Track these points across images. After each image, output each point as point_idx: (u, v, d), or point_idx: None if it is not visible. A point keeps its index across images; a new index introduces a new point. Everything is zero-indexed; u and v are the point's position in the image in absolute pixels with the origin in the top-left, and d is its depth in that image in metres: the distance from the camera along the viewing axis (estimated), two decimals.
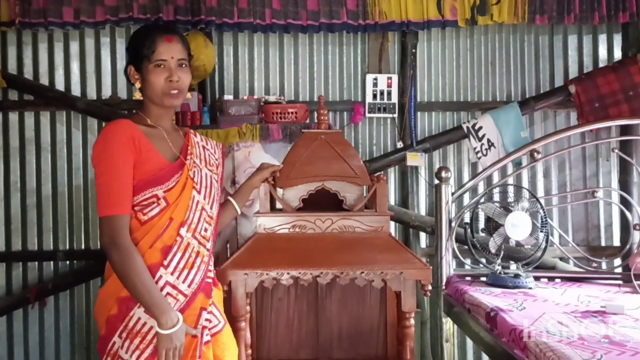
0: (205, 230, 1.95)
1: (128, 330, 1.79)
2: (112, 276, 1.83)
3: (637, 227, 2.76)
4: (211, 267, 2.00)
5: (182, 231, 1.87)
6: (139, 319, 1.79)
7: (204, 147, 2.08)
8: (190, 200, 1.90)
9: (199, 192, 1.94)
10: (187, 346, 1.81)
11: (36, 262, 3.67)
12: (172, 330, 1.76)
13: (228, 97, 3.44)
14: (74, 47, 3.67)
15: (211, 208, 1.99)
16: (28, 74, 3.65)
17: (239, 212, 2.29)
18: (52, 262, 3.68)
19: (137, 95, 1.96)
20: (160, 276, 1.81)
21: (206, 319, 1.89)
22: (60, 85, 3.66)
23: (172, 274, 1.83)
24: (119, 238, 1.77)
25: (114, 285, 1.83)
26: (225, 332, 1.98)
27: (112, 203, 1.77)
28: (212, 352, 1.90)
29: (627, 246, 2.86)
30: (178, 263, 1.85)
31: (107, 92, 3.68)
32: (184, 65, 1.93)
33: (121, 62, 3.68)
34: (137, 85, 1.93)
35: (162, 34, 1.90)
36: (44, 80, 3.65)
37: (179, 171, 1.91)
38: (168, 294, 1.81)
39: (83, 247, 3.69)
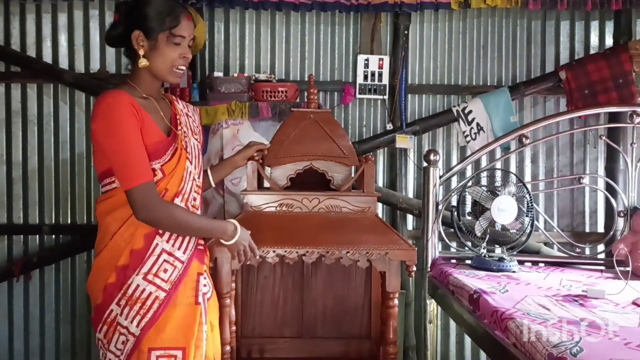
0: (195, 199, 1.98)
1: (127, 297, 1.80)
2: (107, 246, 1.84)
3: (622, 214, 2.79)
4: None
5: (177, 201, 1.88)
6: (138, 285, 1.81)
7: (187, 115, 2.07)
8: (185, 171, 1.92)
9: (191, 163, 1.95)
10: (193, 314, 1.86)
11: (21, 236, 3.66)
12: (234, 240, 1.97)
13: (218, 74, 3.41)
14: (62, 19, 3.62)
15: (199, 177, 2.01)
16: (15, 45, 3.60)
17: (213, 186, 2.29)
18: (37, 236, 3.67)
19: (144, 63, 1.83)
20: (157, 244, 1.84)
21: (203, 285, 1.93)
22: (47, 57, 3.62)
23: (167, 241, 1.86)
24: (154, 201, 1.79)
25: (110, 254, 1.84)
26: (214, 297, 2.04)
27: (138, 173, 1.77)
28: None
29: (611, 233, 2.89)
30: None
31: (95, 66, 3.64)
32: (191, 45, 1.93)
33: None
34: (141, 51, 1.84)
35: (184, 11, 1.88)
36: (31, 52, 3.61)
37: (173, 143, 1.91)
38: (165, 261, 1.84)
39: (69, 221, 3.68)
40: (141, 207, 1.77)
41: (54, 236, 3.68)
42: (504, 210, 2.55)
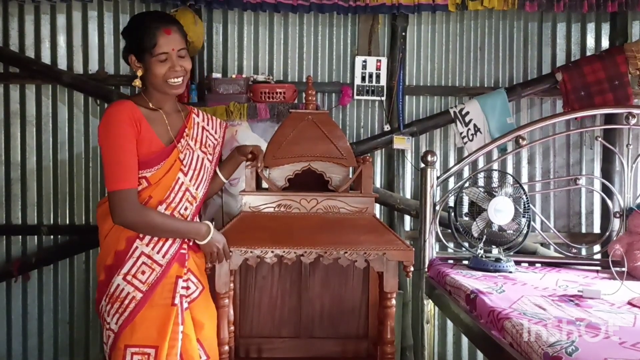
0: (186, 209, 2.06)
1: (110, 295, 1.94)
2: (102, 245, 2.00)
3: (617, 215, 2.81)
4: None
5: (161, 208, 1.99)
6: (118, 285, 1.94)
7: (203, 128, 2.16)
8: (174, 182, 2.01)
9: (185, 174, 2.04)
10: (168, 315, 1.93)
11: (20, 236, 3.66)
12: (207, 240, 2.04)
13: (216, 75, 3.42)
14: (61, 19, 3.62)
15: (197, 189, 2.09)
16: (14, 45, 3.60)
17: (225, 182, 2.34)
18: (35, 237, 3.66)
19: (137, 83, 2.01)
20: (136, 247, 1.96)
21: (183, 287, 2.00)
22: (46, 58, 3.62)
23: (147, 245, 1.97)
24: (130, 206, 1.90)
25: (102, 254, 2.00)
26: (203, 296, 2.09)
27: (120, 178, 1.89)
28: (192, 317, 2.02)
29: (607, 233, 2.91)
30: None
31: (93, 67, 3.65)
32: (184, 55, 2.01)
33: (109, 37, 3.64)
34: (139, 73, 1.99)
35: (162, 27, 1.95)
36: (30, 52, 3.61)
37: (170, 154, 2.00)
38: (143, 263, 1.95)
39: (67, 222, 3.68)
40: (117, 210, 1.90)
41: (52, 237, 3.67)
42: (500, 211, 2.56)
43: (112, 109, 1.94)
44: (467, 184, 2.74)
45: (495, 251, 2.73)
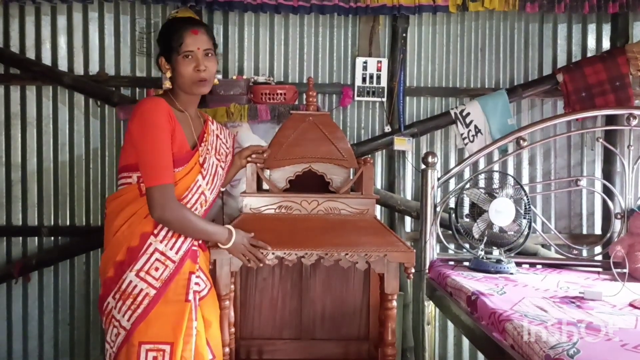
0: (196, 210, 2.07)
1: (121, 292, 1.93)
2: (110, 242, 1.99)
3: (619, 216, 2.81)
4: None
5: None
6: (131, 281, 1.93)
7: (217, 136, 2.23)
8: (193, 183, 2.04)
9: (203, 178, 2.08)
10: (182, 311, 1.94)
11: (20, 238, 3.66)
12: (230, 244, 2.06)
13: (217, 76, 3.41)
14: (62, 21, 3.62)
15: (210, 193, 2.14)
16: (14, 47, 3.60)
17: (222, 189, 2.38)
18: (36, 238, 3.66)
19: (167, 84, 2.08)
20: (150, 244, 1.96)
21: (195, 283, 2.01)
22: (47, 59, 3.62)
23: (161, 242, 1.97)
24: (170, 202, 1.92)
25: (111, 250, 1.98)
26: (210, 295, 2.10)
27: (162, 174, 1.92)
28: (202, 314, 2.03)
29: (608, 235, 2.90)
30: (167, 233, 1.98)
31: (94, 68, 3.65)
32: (210, 55, 2.06)
33: (109, 38, 3.65)
34: (168, 74, 2.06)
35: (189, 27, 2.03)
36: (31, 54, 3.61)
37: (192, 156, 2.05)
38: (157, 259, 1.95)
39: (68, 223, 3.68)
40: (158, 205, 1.91)
41: (52, 238, 3.68)
42: (501, 212, 2.56)
43: (148, 105, 1.97)
44: (467, 185, 2.74)
45: (496, 252, 2.73)
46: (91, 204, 3.68)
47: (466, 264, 2.71)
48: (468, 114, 3.62)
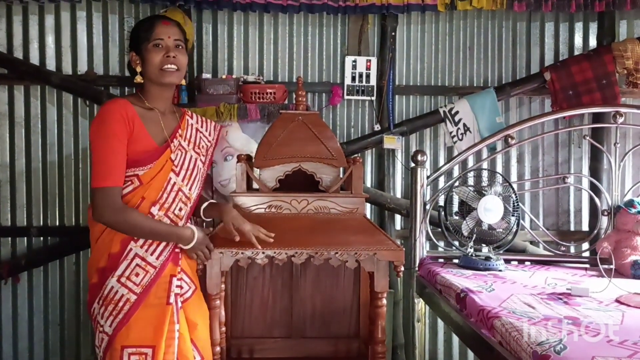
0: (180, 209, 2.04)
1: (104, 297, 1.93)
2: (94, 248, 1.99)
3: (605, 213, 2.84)
4: None
5: (154, 209, 1.97)
6: (112, 287, 1.93)
7: (197, 130, 2.18)
8: (166, 182, 2.00)
9: (177, 174, 2.03)
10: (163, 314, 1.94)
11: (9, 238, 3.64)
12: (191, 245, 2.00)
13: (206, 75, 3.42)
14: (50, 20, 3.61)
15: (190, 189, 2.08)
16: (2, 46, 3.58)
17: (207, 220, 2.27)
18: (25, 238, 3.65)
19: (138, 79, 2.03)
20: (130, 249, 1.95)
21: (177, 286, 2.00)
22: (34, 59, 3.60)
23: (141, 247, 1.96)
24: (112, 205, 1.89)
25: (94, 257, 1.99)
26: (195, 296, 2.09)
27: (104, 176, 1.89)
28: (185, 317, 2.02)
29: (595, 231, 2.93)
30: None
31: (82, 68, 3.63)
32: (180, 47, 2.03)
33: (97, 38, 3.63)
34: (138, 68, 2.02)
35: (160, 19, 2.04)
36: (18, 53, 3.59)
37: (162, 154, 2.01)
38: (137, 265, 1.95)
39: (57, 223, 3.66)
40: (97, 207, 1.90)
41: (42, 238, 3.66)
42: (490, 210, 2.58)
43: (106, 107, 1.95)
44: (457, 183, 2.76)
45: (485, 250, 2.75)
46: (80, 203, 3.66)
47: (455, 261, 2.73)
48: (457, 112, 3.64)
